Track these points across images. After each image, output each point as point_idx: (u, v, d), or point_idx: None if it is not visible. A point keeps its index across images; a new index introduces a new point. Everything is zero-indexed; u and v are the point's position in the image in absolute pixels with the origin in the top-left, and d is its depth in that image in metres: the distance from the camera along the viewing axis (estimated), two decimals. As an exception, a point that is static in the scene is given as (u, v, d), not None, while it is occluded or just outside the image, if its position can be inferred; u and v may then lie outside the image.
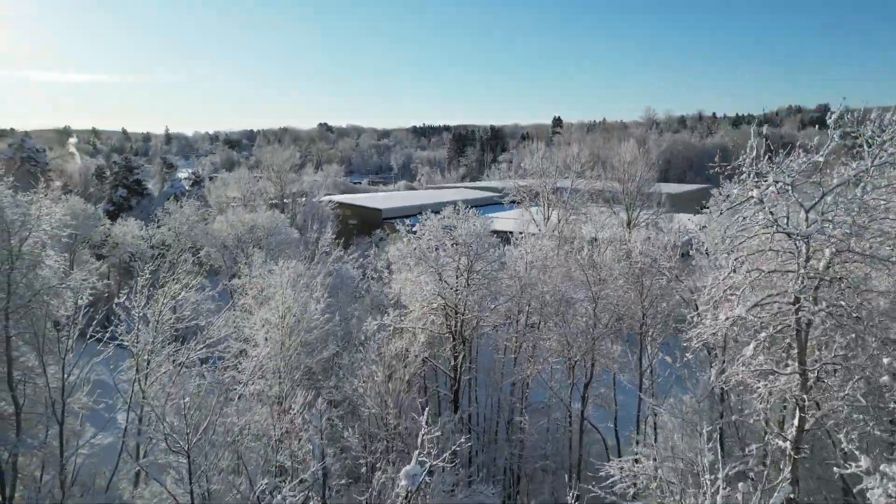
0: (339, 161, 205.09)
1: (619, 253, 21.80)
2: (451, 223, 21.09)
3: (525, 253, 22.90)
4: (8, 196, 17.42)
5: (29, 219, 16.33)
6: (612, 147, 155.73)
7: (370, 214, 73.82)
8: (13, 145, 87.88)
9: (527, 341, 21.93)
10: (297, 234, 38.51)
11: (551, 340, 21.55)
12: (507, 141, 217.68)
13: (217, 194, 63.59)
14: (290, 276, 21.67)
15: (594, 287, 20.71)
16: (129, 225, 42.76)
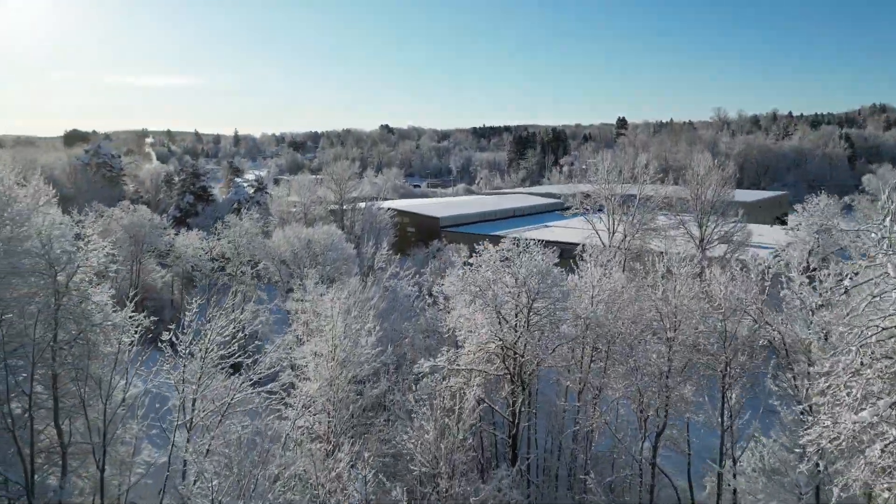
0: (399, 164, 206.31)
1: (697, 289, 19.73)
2: (511, 255, 19.61)
3: (590, 286, 21.12)
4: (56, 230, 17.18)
5: (75, 255, 16.00)
6: (680, 150, 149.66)
7: (428, 222, 73.02)
8: (89, 151, 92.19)
9: (591, 386, 20.19)
10: (354, 250, 37.85)
11: (619, 387, 19.75)
12: (568, 143, 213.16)
13: (278, 202, 64.15)
14: (341, 307, 20.72)
15: (669, 331, 18.78)
16: (190, 237, 43.35)
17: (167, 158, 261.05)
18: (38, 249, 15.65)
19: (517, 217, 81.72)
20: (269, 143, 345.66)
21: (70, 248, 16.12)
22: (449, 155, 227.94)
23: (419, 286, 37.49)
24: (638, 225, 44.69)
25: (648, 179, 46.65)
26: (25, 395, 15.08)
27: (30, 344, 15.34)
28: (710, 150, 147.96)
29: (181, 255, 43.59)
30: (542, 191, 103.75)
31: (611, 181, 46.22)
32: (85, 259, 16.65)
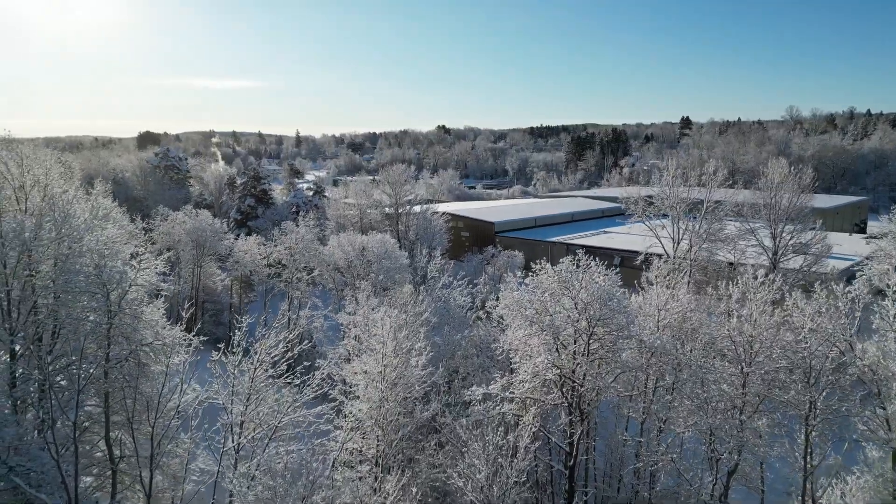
0: (455, 165, 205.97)
1: (776, 318, 17.99)
2: (569, 277, 18.43)
3: (655, 309, 19.66)
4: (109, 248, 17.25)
5: (126, 276, 15.97)
6: (748, 151, 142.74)
7: (482, 227, 72.01)
8: (158, 154, 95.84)
9: (655, 418, 18.76)
10: (407, 259, 37.33)
11: (687, 421, 18.24)
12: (629, 143, 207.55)
13: (335, 206, 64.64)
14: (392, 326, 20.09)
15: (744, 363, 17.17)
16: (248, 243, 43.98)
17: (232, 159, 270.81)
18: (92, 269, 15.70)
19: (575, 222, 79.62)
20: (329, 144, 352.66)
21: (121, 269, 16.09)
22: (505, 156, 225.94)
23: (472, 297, 36.58)
24: (705, 235, 42.27)
25: (716, 186, 44.08)
26: (75, 413, 15.13)
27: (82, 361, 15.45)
28: (781, 152, 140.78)
29: (239, 261, 44.27)
30: (602, 194, 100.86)
31: (676, 187, 43.88)
32: (136, 279, 16.61)
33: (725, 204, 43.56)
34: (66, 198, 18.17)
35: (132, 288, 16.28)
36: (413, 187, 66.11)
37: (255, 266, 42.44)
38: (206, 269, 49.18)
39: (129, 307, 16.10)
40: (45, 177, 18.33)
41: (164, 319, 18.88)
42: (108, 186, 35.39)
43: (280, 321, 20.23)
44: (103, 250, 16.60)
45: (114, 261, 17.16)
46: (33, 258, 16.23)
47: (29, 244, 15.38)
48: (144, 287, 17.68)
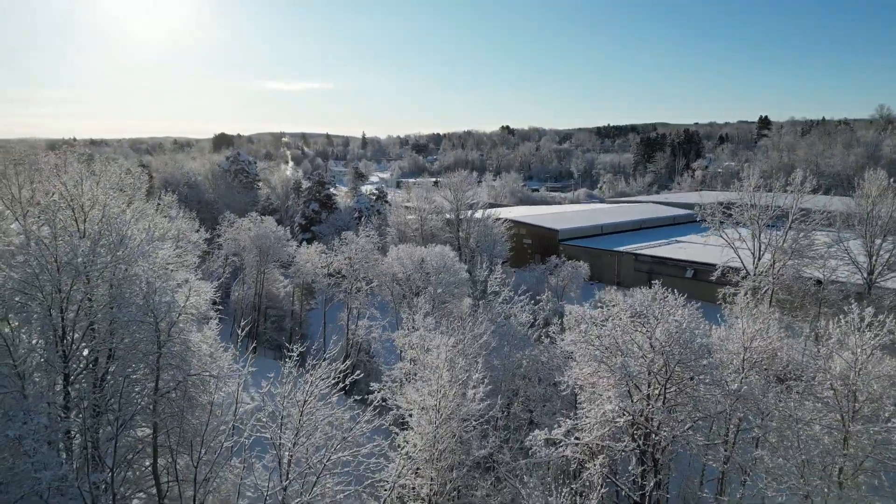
0: (518, 167, 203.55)
1: (888, 368, 15.60)
2: (644, 310, 16.75)
3: (741, 346, 17.64)
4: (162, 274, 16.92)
5: (175, 305, 15.56)
6: (835, 153, 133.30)
7: (546, 235, 70.03)
8: (230, 158, 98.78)
9: (737, 467, 16.78)
10: (466, 273, 36.21)
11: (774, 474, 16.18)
12: (702, 144, 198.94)
13: (396, 213, 64.32)
14: (447, 357, 18.99)
15: (847, 419, 14.99)
16: (309, 253, 44.06)
17: (301, 160, 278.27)
18: (141, 298, 15.40)
19: (643, 230, 76.27)
20: (394, 146, 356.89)
21: (170, 298, 15.70)
22: (570, 157, 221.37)
23: (534, 314, 35.04)
24: (790, 250, 38.97)
25: (801, 199, 40.54)
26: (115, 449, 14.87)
27: (129, 394, 15.18)
28: (871, 154, 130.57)
29: (300, 269, 44.44)
30: (673, 200, 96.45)
31: (759, 198, 40.65)
32: (185, 308, 16.19)
33: (814, 215, 40.00)
34: (124, 219, 18.05)
35: (182, 317, 15.90)
36: (475, 193, 64.83)
37: (316, 275, 42.42)
38: (269, 275, 49.77)
39: (179, 336, 15.73)
40: (104, 196, 18.26)
41: (217, 344, 18.46)
42: (174, 197, 35.96)
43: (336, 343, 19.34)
44: (153, 277, 16.30)
45: (166, 283, 16.83)
46: (90, 282, 16.11)
47: (81, 269, 15.24)
48: (193, 315, 17.31)
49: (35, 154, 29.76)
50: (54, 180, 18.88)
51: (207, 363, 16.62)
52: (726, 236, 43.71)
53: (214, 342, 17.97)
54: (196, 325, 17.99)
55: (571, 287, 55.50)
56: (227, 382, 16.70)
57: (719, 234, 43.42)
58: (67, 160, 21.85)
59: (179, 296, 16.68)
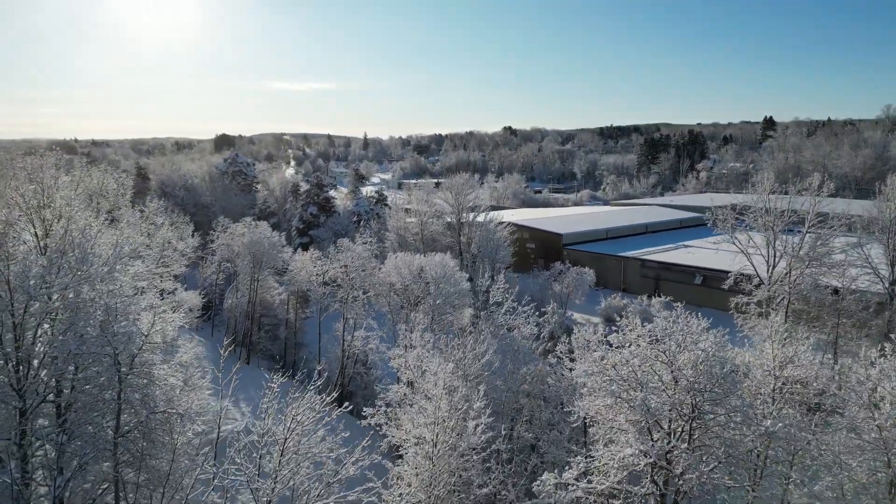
0: (521, 168, 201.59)
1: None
2: (664, 332, 14.97)
3: (771, 375, 15.86)
4: (126, 299, 15.18)
5: (137, 335, 13.85)
6: (842, 154, 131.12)
7: (549, 239, 68.24)
8: (227, 160, 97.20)
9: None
10: (468, 282, 34.47)
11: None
12: (706, 145, 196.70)
13: (396, 217, 62.53)
14: (445, 383, 17.25)
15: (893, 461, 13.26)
16: (304, 260, 42.35)
17: (302, 161, 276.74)
18: (97, 327, 13.70)
19: (650, 234, 74.44)
20: (396, 146, 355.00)
21: (128, 328, 13.97)
22: (573, 158, 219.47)
23: (539, 326, 33.30)
24: (807, 259, 37.14)
25: (819, 204, 38.72)
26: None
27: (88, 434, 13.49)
28: (879, 156, 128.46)
29: (294, 278, 42.78)
30: (679, 202, 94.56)
31: (775, 202, 38.84)
32: (150, 338, 14.45)
33: (832, 221, 38.15)
34: (90, 233, 16.34)
35: (145, 347, 14.19)
36: (476, 196, 63.01)
37: (311, 284, 40.71)
38: (264, 282, 48.07)
39: (142, 368, 14.02)
40: (68, 208, 16.56)
41: (196, 367, 16.73)
42: (162, 203, 34.30)
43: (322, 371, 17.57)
44: (117, 301, 14.58)
45: (131, 307, 15.13)
46: (48, 305, 14.42)
47: (33, 292, 13.56)
48: (158, 345, 15.54)
49: (11, 158, 28.11)
50: (18, 189, 17.21)
51: (175, 399, 14.87)
52: (739, 242, 41.89)
53: (196, 362, 16.21)
54: (163, 353, 16.21)
55: (576, 294, 53.79)
56: (209, 407, 14.93)
57: (732, 241, 41.60)
58: (44, 165, 20.18)
59: (145, 321, 14.95)
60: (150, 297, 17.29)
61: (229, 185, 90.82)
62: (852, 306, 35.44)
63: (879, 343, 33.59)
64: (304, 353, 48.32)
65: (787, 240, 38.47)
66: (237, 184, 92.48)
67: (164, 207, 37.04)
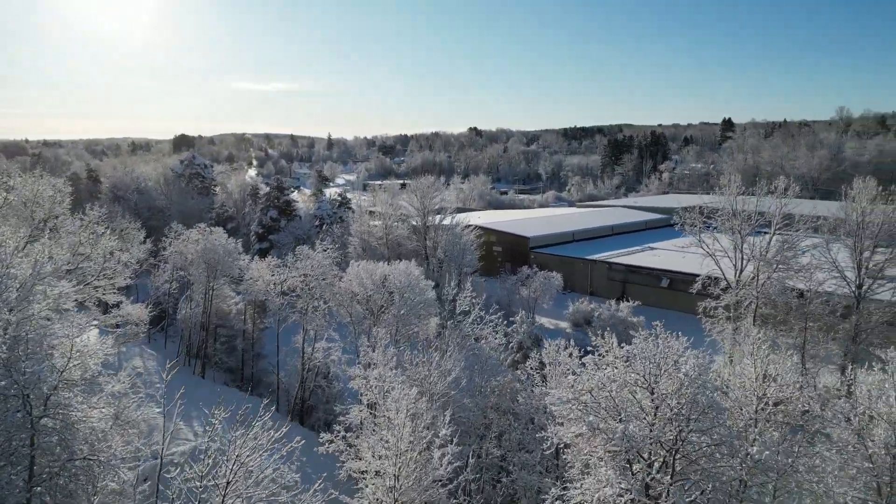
0: (486, 169, 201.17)
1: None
2: (643, 354, 13.86)
3: (752, 396, 14.88)
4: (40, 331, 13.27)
5: (50, 373, 12.05)
6: (799, 155, 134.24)
7: (516, 242, 67.40)
8: (184, 161, 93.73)
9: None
10: (434, 293, 33.10)
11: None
12: (668, 146, 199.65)
13: (360, 221, 60.72)
14: (408, 410, 15.85)
15: (887, 494, 12.39)
16: (261, 269, 40.31)
17: (264, 162, 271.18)
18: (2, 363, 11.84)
19: (616, 235, 74.30)
20: (361, 147, 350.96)
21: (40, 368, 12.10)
22: (538, 159, 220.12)
23: (508, 337, 32.15)
24: (775, 263, 36.94)
25: (785, 206, 38.60)
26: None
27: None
28: (834, 157, 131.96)
29: (249, 288, 40.74)
30: (643, 203, 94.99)
31: (742, 204, 38.61)
32: (68, 374, 12.60)
33: (797, 224, 38.09)
34: (7, 249, 14.40)
35: (60, 385, 12.36)
36: (442, 199, 61.61)
37: (268, 294, 38.75)
38: (219, 291, 45.83)
39: (56, 411, 12.20)
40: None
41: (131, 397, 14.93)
42: (104, 210, 31.97)
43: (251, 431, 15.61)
44: (27, 332, 12.73)
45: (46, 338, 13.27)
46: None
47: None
48: (77, 384, 13.61)
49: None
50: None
51: (100, 441, 13.07)
52: (706, 247, 41.57)
53: (140, 384, 14.41)
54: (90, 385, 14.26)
55: (544, 298, 52.99)
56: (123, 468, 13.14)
57: (700, 244, 41.25)
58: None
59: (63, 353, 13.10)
60: (76, 323, 15.22)
61: (186, 188, 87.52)
62: (819, 310, 35.31)
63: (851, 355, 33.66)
64: (263, 364, 46.25)
65: (755, 243, 38.25)
66: (194, 186, 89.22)
67: (112, 213, 34.57)
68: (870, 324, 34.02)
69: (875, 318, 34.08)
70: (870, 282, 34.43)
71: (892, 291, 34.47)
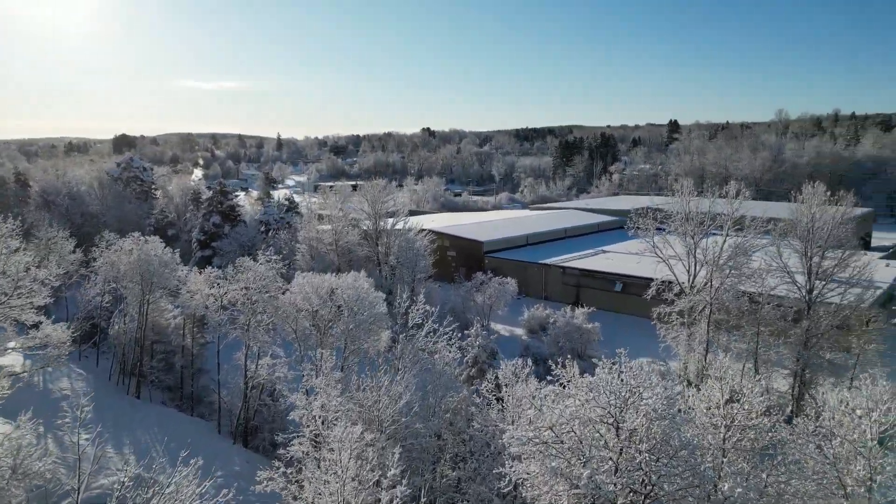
0: (440, 170, 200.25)
1: None
2: (608, 388, 12.73)
3: (722, 427, 13.98)
4: None
5: None
6: (742, 157, 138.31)
7: (470, 246, 66.33)
8: (121, 164, 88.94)
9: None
10: (385, 306, 31.46)
11: None
12: (617, 147, 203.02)
13: (308, 227, 58.41)
14: (352, 450, 14.30)
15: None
16: (198, 282, 37.80)
17: (210, 163, 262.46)
18: None
19: (569, 238, 74.17)
20: (311, 147, 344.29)
21: None
22: (491, 160, 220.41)
23: (463, 350, 30.88)
24: (727, 267, 36.89)
25: (736, 210, 38.67)
26: None
27: None
28: (775, 158, 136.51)
29: (186, 302, 38.19)
30: (595, 206, 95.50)
31: (695, 206, 38.54)
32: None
33: (749, 229, 38.21)
34: None
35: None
36: (394, 202, 59.82)
37: (207, 311, 36.32)
38: (155, 305, 42.94)
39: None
40: None
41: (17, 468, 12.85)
42: (17, 223, 29.03)
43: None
44: None
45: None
46: None
47: None
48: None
49: None
50: None
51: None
52: (660, 252, 41.36)
53: None
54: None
55: (499, 305, 52.10)
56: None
57: (654, 250, 41.00)
58: None
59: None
60: None
61: (123, 193, 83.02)
62: (771, 315, 35.39)
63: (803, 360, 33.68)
64: (205, 380, 43.56)
65: (708, 247, 38.18)
66: (132, 191, 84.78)
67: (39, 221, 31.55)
68: (820, 329, 34.23)
69: (825, 323, 34.31)
70: (820, 286, 34.63)
71: (840, 295, 34.76)
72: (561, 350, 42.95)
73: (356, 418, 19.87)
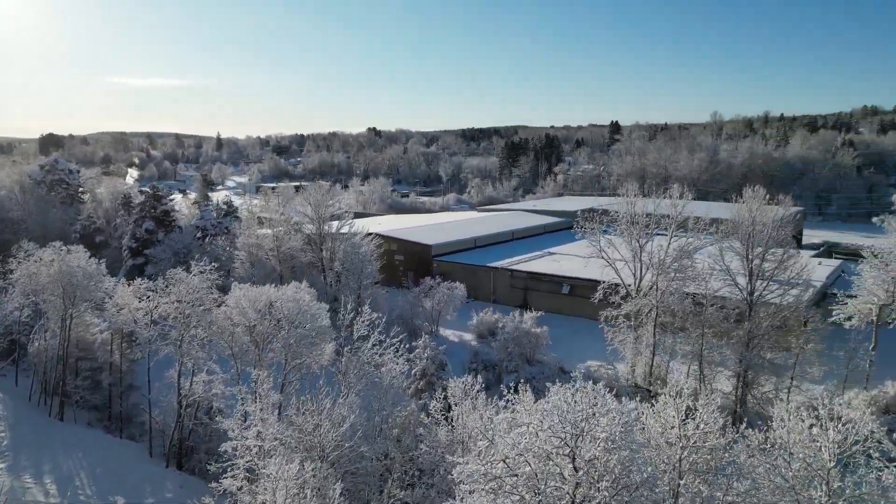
0: (386, 171, 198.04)
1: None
2: (562, 416, 11.96)
3: (678, 448, 13.50)
4: None
5: None
6: (681, 158, 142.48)
7: (418, 250, 65.28)
8: (44, 166, 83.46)
9: None
10: (328, 320, 30.00)
11: None
12: (561, 148, 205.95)
13: (248, 233, 55.98)
14: (288, 489, 13.04)
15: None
16: (126, 295, 35.29)
17: (146, 164, 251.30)
18: None
19: (517, 240, 74.14)
20: (253, 147, 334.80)
21: None
22: (438, 161, 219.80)
23: (410, 362, 29.85)
24: (672, 270, 37.24)
25: (680, 212, 39.16)
26: None
27: None
28: (712, 159, 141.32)
29: (113, 317, 35.66)
30: (542, 207, 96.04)
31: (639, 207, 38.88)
32: None
33: (692, 230, 38.77)
34: None
35: None
36: (339, 206, 57.98)
37: (136, 326, 33.94)
38: (80, 319, 40.04)
39: None
40: None
41: None
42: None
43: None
44: None
45: None
46: None
47: None
48: None
49: None
50: None
51: None
52: (606, 256, 41.52)
53: None
54: None
55: (448, 310, 51.25)
56: None
57: (601, 255, 41.11)
58: None
59: None
60: None
61: (47, 197, 77.92)
62: (715, 316, 35.88)
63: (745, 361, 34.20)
64: (135, 397, 40.80)
65: (653, 251, 38.49)
66: (57, 195, 79.66)
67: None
68: (761, 329, 34.88)
69: (766, 324, 34.98)
70: (761, 287, 35.30)
71: (780, 296, 35.53)
72: (510, 356, 42.51)
73: (296, 445, 18.55)
